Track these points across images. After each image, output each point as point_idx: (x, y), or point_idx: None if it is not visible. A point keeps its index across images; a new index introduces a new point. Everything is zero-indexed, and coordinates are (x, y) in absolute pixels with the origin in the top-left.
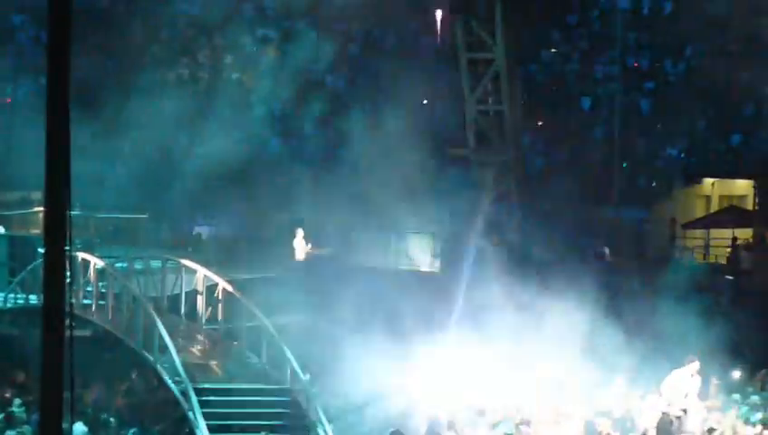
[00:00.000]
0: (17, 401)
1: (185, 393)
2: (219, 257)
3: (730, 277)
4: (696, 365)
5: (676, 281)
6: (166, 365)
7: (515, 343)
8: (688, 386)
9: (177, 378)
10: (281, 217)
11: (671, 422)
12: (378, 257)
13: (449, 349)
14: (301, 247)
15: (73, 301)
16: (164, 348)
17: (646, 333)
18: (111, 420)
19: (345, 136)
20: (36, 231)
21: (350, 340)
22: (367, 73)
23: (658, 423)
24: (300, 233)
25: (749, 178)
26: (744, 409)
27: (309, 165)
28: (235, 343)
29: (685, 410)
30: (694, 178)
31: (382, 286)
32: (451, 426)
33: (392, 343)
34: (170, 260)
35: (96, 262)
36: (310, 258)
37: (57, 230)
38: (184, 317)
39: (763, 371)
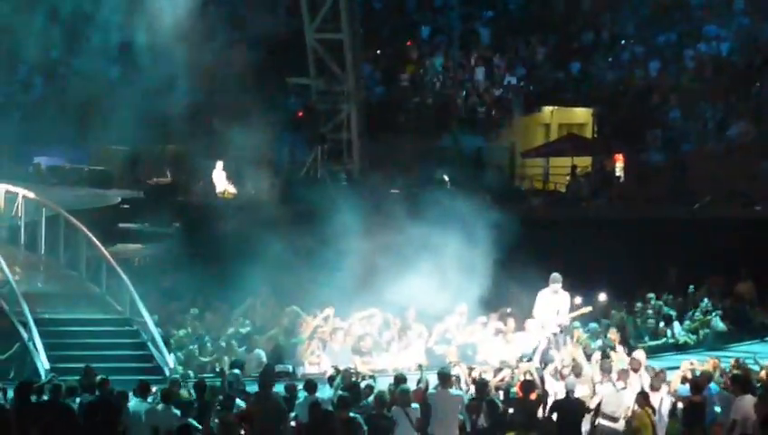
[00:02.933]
0: None
1: (25, 323)
2: (60, 187)
3: None
4: (557, 284)
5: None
6: (5, 295)
7: (356, 272)
8: (557, 304)
9: (17, 308)
10: (121, 149)
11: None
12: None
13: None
14: (221, 182)
15: None
16: (3, 278)
17: (486, 261)
18: None
19: (184, 66)
20: None
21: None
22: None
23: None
24: (219, 165)
25: (588, 107)
26: (584, 336)
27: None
28: (75, 272)
29: (561, 327)
30: (533, 106)
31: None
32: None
33: (235, 275)
34: (8, 189)
35: None
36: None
37: None
38: (24, 247)
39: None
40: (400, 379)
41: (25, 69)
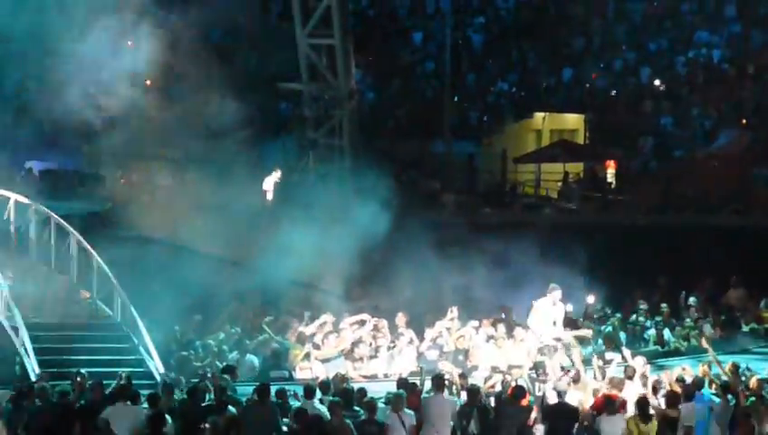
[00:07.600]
0: None
1: (16, 328)
2: (51, 192)
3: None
4: (558, 293)
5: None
6: None
7: (346, 278)
8: (554, 315)
9: (8, 313)
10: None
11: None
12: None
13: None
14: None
15: None
16: None
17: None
18: None
19: (180, 77)
20: None
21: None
22: (197, 9)
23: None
24: (276, 174)
25: (579, 113)
26: (575, 342)
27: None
28: (66, 277)
29: (558, 340)
30: (524, 112)
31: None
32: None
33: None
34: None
35: None
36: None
37: None
38: (15, 251)
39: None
40: (403, 383)
41: (18, 74)
